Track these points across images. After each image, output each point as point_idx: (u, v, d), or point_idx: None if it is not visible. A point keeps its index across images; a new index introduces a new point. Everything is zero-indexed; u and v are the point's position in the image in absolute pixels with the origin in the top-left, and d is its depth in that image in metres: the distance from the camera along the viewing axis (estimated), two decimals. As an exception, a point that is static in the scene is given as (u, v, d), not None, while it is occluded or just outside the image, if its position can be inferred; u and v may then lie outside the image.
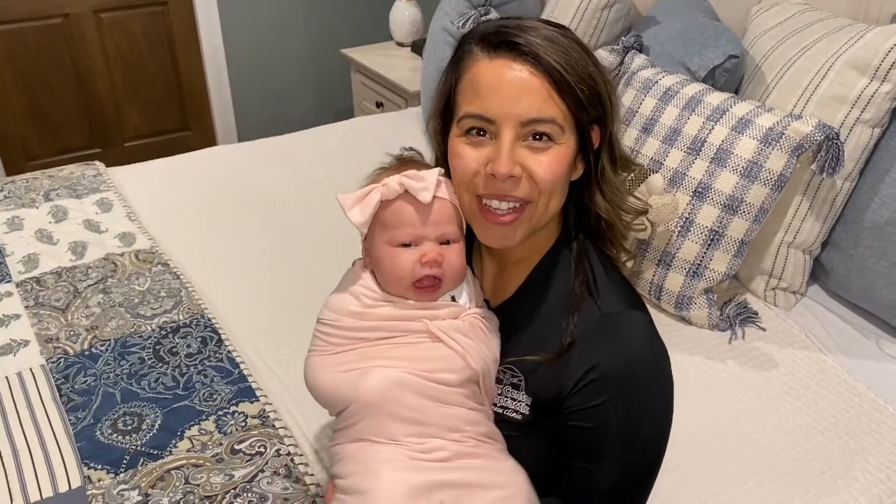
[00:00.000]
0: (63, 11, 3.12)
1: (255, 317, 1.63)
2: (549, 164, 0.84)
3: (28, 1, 3.03)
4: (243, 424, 1.32)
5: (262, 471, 1.22)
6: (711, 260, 1.53)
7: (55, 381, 1.42)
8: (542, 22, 0.87)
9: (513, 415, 0.90)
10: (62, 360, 1.47)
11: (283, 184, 2.18)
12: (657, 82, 1.68)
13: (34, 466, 1.25)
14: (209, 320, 1.58)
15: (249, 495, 1.18)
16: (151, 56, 3.37)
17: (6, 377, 1.43)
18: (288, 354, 1.48)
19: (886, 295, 1.52)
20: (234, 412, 1.35)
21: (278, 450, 1.26)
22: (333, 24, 3.60)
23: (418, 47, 3.03)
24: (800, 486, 1.23)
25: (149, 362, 1.47)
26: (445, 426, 0.84)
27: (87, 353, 1.49)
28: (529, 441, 0.90)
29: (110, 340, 1.53)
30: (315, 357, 0.93)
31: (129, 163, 2.33)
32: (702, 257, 1.54)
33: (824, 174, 1.46)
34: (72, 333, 1.55)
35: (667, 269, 1.57)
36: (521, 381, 0.89)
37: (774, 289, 1.66)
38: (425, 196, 0.87)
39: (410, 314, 0.88)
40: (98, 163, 2.27)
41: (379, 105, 3.09)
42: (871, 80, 1.48)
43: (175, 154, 2.39)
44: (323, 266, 1.77)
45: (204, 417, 1.34)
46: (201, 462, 1.25)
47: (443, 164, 0.93)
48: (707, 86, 1.66)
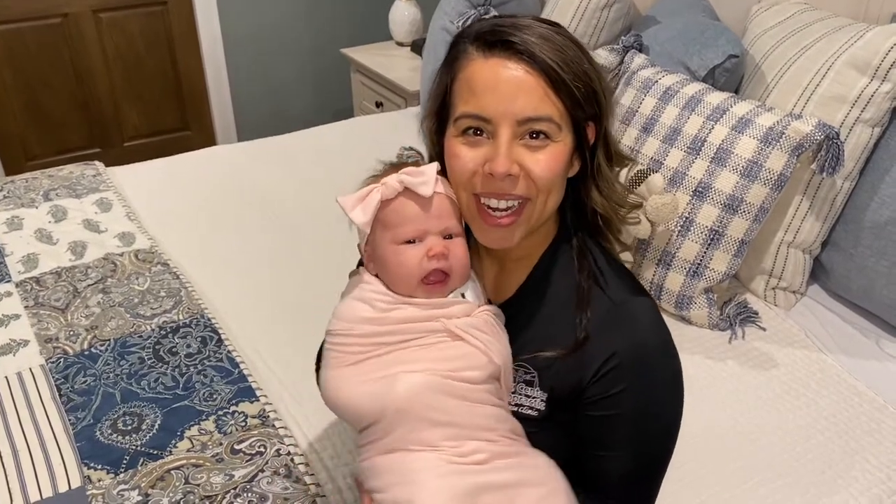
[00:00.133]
0: (62, 11, 3.12)
1: (255, 316, 1.63)
2: (547, 162, 0.84)
3: (27, 1, 3.03)
4: (243, 424, 1.32)
5: (262, 471, 1.22)
6: (711, 259, 1.53)
7: (55, 381, 1.42)
8: (536, 20, 0.87)
9: (528, 411, 0.90)
10: (62, 360, 1.47)
11: (283, 183, 2.18)
12: (657, 82, 1.67)
13: (34, 466, 1.25)
14: (209, 320, 1.58)
15: (249, 495, 1.18)
16: (151, 56, 3.37)
17: (6, 377, 1.43)
18: (288, 354, 1.48)
19: (886, 294, 1.52)
20: (234, 412, 1.35)
21: (278, 450, 1.26)
22: (333, 24, 3.60)
23: (418, 47, 3.03)
24: (800, 486, 1.23)
25: (148, 362, 1.47)
26: (479, 426, 0.84)
27: (87, 353, 1.49)
28: (546, 436, 0.90)
29: (110, 340, 1.53)
30: (332, 371, 0.89)
31: (129, 163, 2.33)
32: (702, 257, 1.54)
33: (824, 174, 1.46)
34: (71, 333, 1.54)
35: (667, 269, 1.57)
36: (535, 378, 0.90)
37: (774, 288, 1.66)
38: (426, 189, 0.86)
39: (427, 314, 0.87)
40: (97, 163, 2.27)
41: (378, 105, 3.09)
42: (871, 80, 1.48)
43: (174, 154, 2.39)
44: (323, 266, 1.78)
45: (204, 417, 1.34)
46: (201, 462, 1.24)
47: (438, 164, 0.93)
48: (707, 85, 1.66)
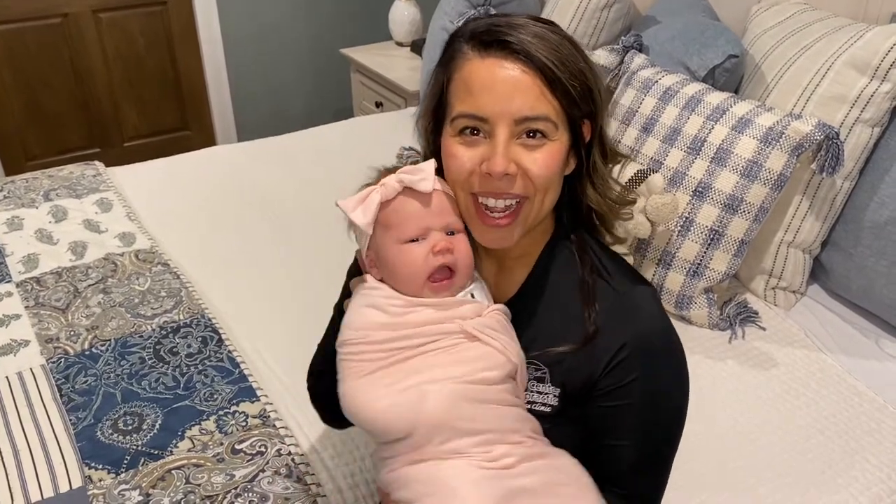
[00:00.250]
0: (62, 11, 3.11)
1: (256, 316, 1.63)
2: (544, 161, 0.85)
3: (27, 1, 3.03)
4: (244, 424, 1.32)
5: (263, 470, 1.22)
6: (711, 259, 1.53)
7: (55, 381, 1.42)
8: (531, 19, 0.87)
9: (541, 408, 0.90)
10: (62, 360, 1.47)
11: (283, 183, 2.18)
12: (657, 82, 1.68)
13: (35, 466, 1.25)
14: (209, 320, 1.58)
15: (250, 495, 1.18)
16: (150, 56, 3.37)
17: (6, 377, 1.43)
18: (288, 354, 1.48)
19: (886, 294, 1.52)
20: (235, 412, 1.35)
21: (279, 449, 1.26)
22: (333, 24, 3.60)
23: (418, 47, 3.03)
24: (800, 486, 1.23)
25: (149, 362, 1.47)
26: (505, 429, 0.84)
27: (88, 353, 1.49)
28: (560, 432, 0.90)
29: (110, 340, 1.53)
30: (352, 382, 0.86)
31: (129, 163, 2.33)
32: (702, 257, 1.54)
33: (824, 174, 1.47)
34: (72, 333, 1.55)
35: (667, 269, 1.57)
36: (546, 374, 0.90)
37: (774, 288, 1.66)
38: (426, 185, 0.86)
39: (442, 316, 0.87)
40: (98, 163, 2.27)
41: (378, 105, 3.09)
42: (871, 80, 1.48)
43: (174, 154, 2.39)
44: (323, 265, 1.78)
45: (205, 417, 1.34)
46: (202, 462, 1.25)
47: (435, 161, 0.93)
48: (707, 85, 1.66)
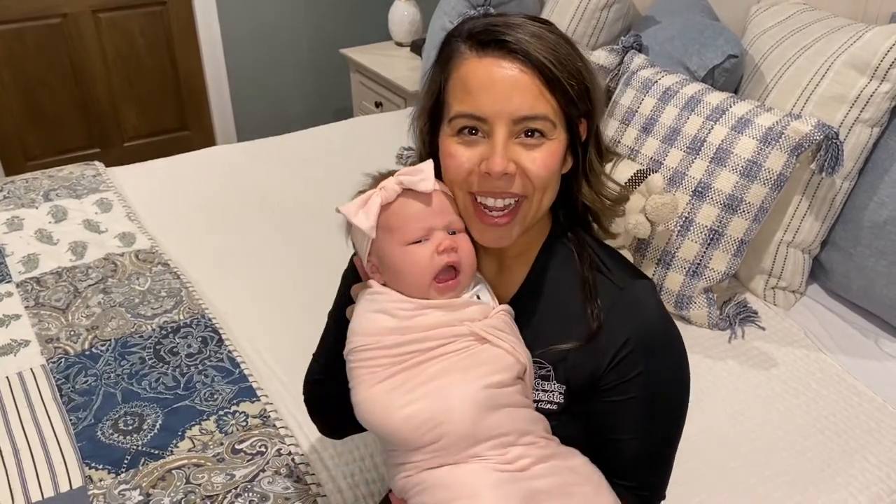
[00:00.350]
0: (61, 11, 3.11)
1: (256, 316, 1.63)
2: (543, 160, 0.85)
3: (27, 1, 3.03)
4: (244, 424, 1.32)
5: (263, 470, 1.23)
6: (711, 259, 1.54)
7: (56, 381, 1.42)
8: (527, 18, 0.87)
9: (548, 406, 0.91)
10: (63, 360, 1.47)
11: (283, 183, 2.18)
12: (657, 82, 1.68)
13: (35, 466, 1.25)
14: (209, 320, 1.58)
15: (250, 495, 1.18)
16: (150, 56, 3.36)
17: (7, 377, 1.44)
18: (288, 354, 1.48)
19: (886, 294, 1.53)
20: (235, 412, 1.35)
21: (279, 449, 1.26)
22: (332, 24, 3.60)
23: (417, 47, 3.03)
24: (799, 485, 1.23)
25: (149, 362, 1.47)
26: (518, 431, 0.84)
27: (88, 353, 1.49)
28: (566, 429, 0.91)
29: (111, 340, 1.53)
30: (367, 391, 0.85)
31: (129, 163, 2.33)
32: (701, 256, 1.54)
33: (823, 173, 1.47)
34: (72, 333, 1.55)
35: (666, 269, 1.57)
36: (550, 372, 0.90)
37: (774, 288, 1.66)
38: (426, 185, 0.86)
39: (451, 318, 0.87)
40: (97, 163, 2.27)
41: (378, 105, 3.09)
42: (871, 80, 1.49)
43: (174, 154, 2.39)
44: (323, 265, 1.77)
45: (205, 417, 1.34)
46: (202, 462, 1.25)
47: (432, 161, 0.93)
48: (706, 85, 1.66)
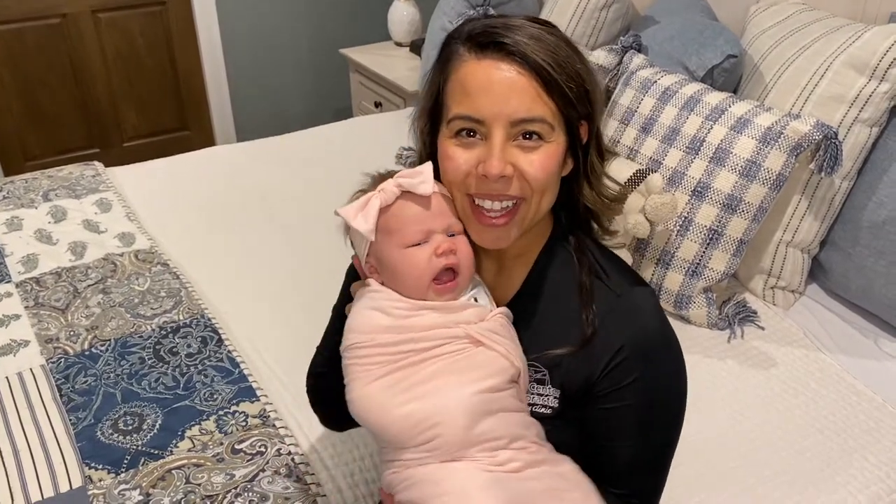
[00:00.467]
0: (61, 11, 3.11)
1: (255, 316, 1.63)
2: (541, 163, 0.85)
3: (26, 1, 3.03)
4: (244, 424, 1.32)
5: (263, 470, 1.23)
6: (710, 259, 1.54)
7: (55, 381, 1.42)
8: (528, 20, 0.87)
9: (542, 410, 0.91)
10: (62, 361, 1.47)
11: (283, 183, 2.18)
12: (656, 82, 1.68)
13: (35, 466, 1.25)
14: (209, 320, 1.58)
15: (250, 495, 1.18)
16: (150, 56, 3.37)
17: (6, 377, 1.44)
18: (288, 354, 1.49)
19: (885, 294, 1.53)
20: (235, 412, 1.35)
21: (279, 449, 1.27)
22: (332, 24, 3.60)
23: (417, 47, 3.03)
24: (798, 484, 1.23)
25: (149, 362, 1.47)
26: (510, 435, 0.84)
27: (88, 354, 1.49)
28: (560, 434, 0.91)
29: (110, 340, 1.53)
30: (362, 389, 0.86)
31: (128, 163, 2.33)
32: (701, 256, 1.54)
33: (823, 173, 1.47)
34: (72, 333, 1.55)
35: (666, 268, 1.58)
36: (546, 376, 0.90)
37: (773, 288, 1.66)
38: (426, 188, 0.87)
39: (447, 320, 0.87)
40: (97, 163, 2.27)
41: (377, 105, 3.09)
42: (870, 80, 1.49)
43: (173, 154, 2.39)
44: (323, 265, 1.77)
45: (204, 417, 1.34)
46: (202, 462, 1.25)
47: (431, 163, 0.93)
48: (706, 85, 1.66)
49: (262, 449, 1.27)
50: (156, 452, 1.27)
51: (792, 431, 1.33)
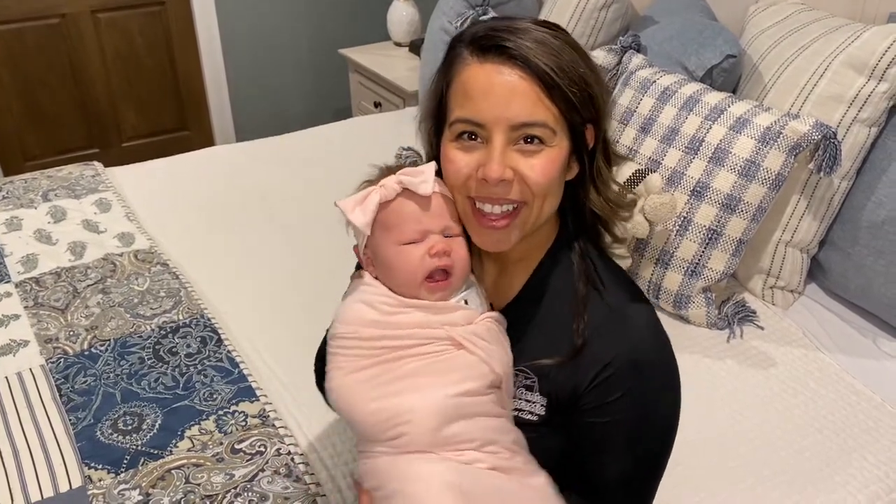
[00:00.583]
0: (61, 11, 3.11)
1: (255, 316, 1.63)
2: (542, 167, 0.84)
3: (26, 1, 3.03)
4: (243, 424, 1.32)
5: (263, 470, 1.23)
6: (710, 259, 1.54)
7: (55, 381, 1.42)
8: (535, 23, 0.86)
9: (528, 416, 0.90)
10: (62, 361, 1.47)
11: (282, 184, 2.18)
12: (655, 82, 1.68)
13: (35, 466, 1.25)
14: (209, 320, 1.59)
15: (250, 494, 1.18)
16: (149, 56, 3.37)
17: (6, 377, 1.44)
18: (288, 354, 1.49)
19: (884, 293, 1.53)
20: (235, 412, 1.35)
21: (278, 449, 1.27)
22: (331, 24, 3.60)
23: (416, 47, 3.03)
24: (797, 484, 1.23)
25: (149, 362, 1.47)
26: (482, 439, 0.84)
27: (87, 354, 1.49)
28: (546, 441, 0.90)
29: (110, 340, 1.53)
30: (340, 379, 0.88)
31: (128, 163, 2.33)
32: (700, 256, 1.54)
33: (822, 173, 1.47)
34: (71, 333, 1.55)
35: (665, 268, 1.58)
36: (535, 383, 0.90)
37: (772, 287, 1.66)
38: (425, 188, 0.87)
39: (430, 320, 0.87)
40: (96, 163, 2.27)
41: (377, 105, 3.09)
42: (869, 80, 1.49)
43: (173, 154, 2.39)
44: (322, 265, 1.78)
45: (204, 417, 1.34)
46: (202, 462, 1.25)
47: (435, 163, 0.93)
48: (705, 85, 1.66)
49: (262, 449, 1.27)
50: (155, 452, 1.27)
51: (791, 431, 1.33)
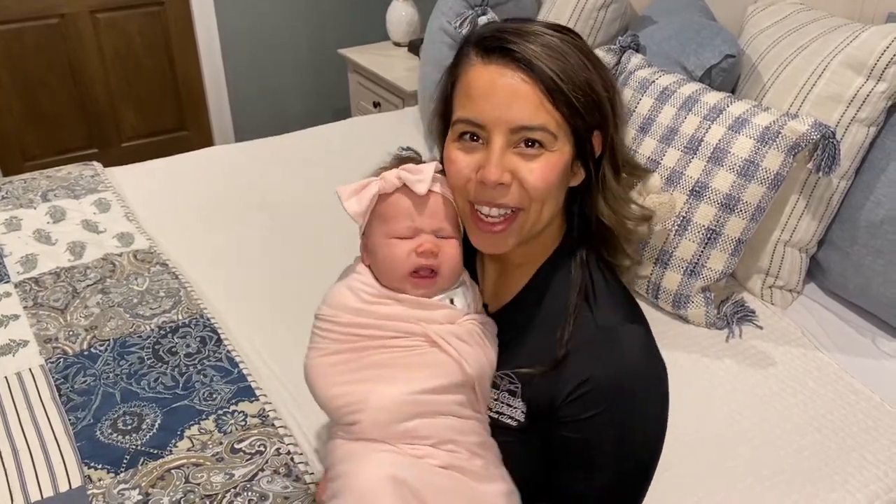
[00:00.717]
0: (60, 11, 3.11)
1: (254, 316, 1.63)
2: (541, 172, 0.83)
3: (25, 1, 3.03)
4: (243, 423, 1.32)
5: (262, 470, 1.23)
6: (709, 258, 1.54)
7: (55, 381, 1.42)
8: (547, 26, 0.85)
9: (508, 421, 0.90)
10: (61, 361, 1.47)
11: (281, 183, 2.18)
12: (654, 82, 1.68)
13: (34, 466, 1.25)
14: (208, 320, 1.59)
15: (250, 494, 1.18)
16: (148, 56, 3.37)
17: (6, 377, 1.44)
18: (287, 353, 1.49)
19: (882, 293, 1.53)
20: (234, 411, 1.35)
21: (278, 449, 1.27)
22: (330, 24, 3.60)
23: (415, 47, 3.03)
24: (796, 483, 1.23)
25: (148, 362, 1.47)
26: (439, 438, 0.84)
27: (87, 353, 1.49)
28: (524, 447, 0.90)
29: (109, 340, 1.53)
30: (316, 358, 0.91)
31: (127, 163, 2.33)
32: (699, 256, 1.54)
33: (821, 173, 1.47)
34: (71, 333, 1.55)
35: (664, 268, 1.58)
36: (518, 389, 0.89)
37: (771, 287, 1.66)
38: (421, 188, 0.87)
39: (410, 314, 0.88)
40: (96, 163, 2.27)
41: (376, 105, 3.09)
42: (867, 80, 1.49)
43: (172, 154, 2.39)
44: (322, 265, 1.77)
45: (204, 417, 1.34)
46: (201, 461, 1.25)
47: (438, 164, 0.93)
48: (704, 85, 1.66)
49: (262, 448, 1.27)
50: (155, 452, 1.27)
51: (790, 430, 1.33)
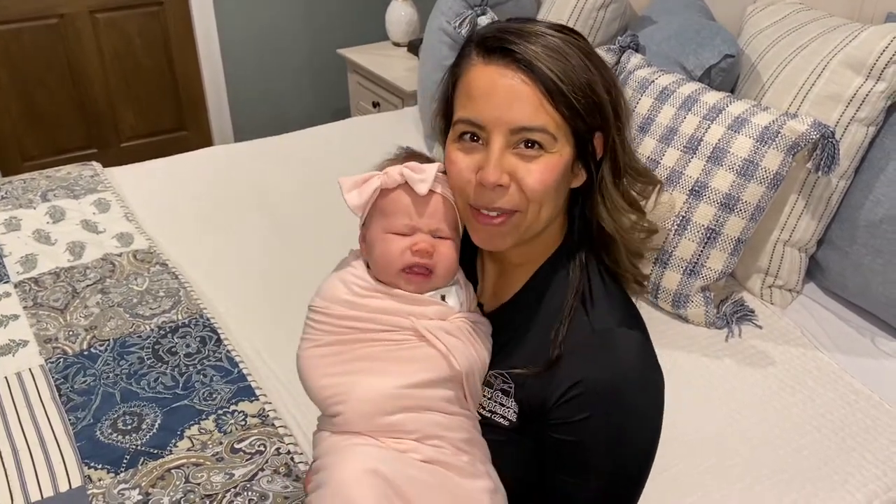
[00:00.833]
0: (59, 12, 3.11)
1: (254, 316, 1.63)
2: (540, 173, 0.83)
3: (24, 1, 3.03)
4: (243, 423, 1.32)
5: (262, 469, 1.23)
6: (708, 258, 1.54)
7: (54, 381, 1.42)
8: (549, 26, 0.85)
9: (500, 420, 0.90)
10: (61, 361, 1.47)
11: (281, 183, 2.18)
12: (654, 82, 1.68)
13: (34, 466, 1.25)
14: (208, 320, 1.59)
15: (250, 494, 1.18)
16: (147, 56, 3.36)
17: (5, 377, 1.44)
18: (287, 353, 1.47)
19: (882, 292, 1.53)
20: (234, 411, 1.35)
21: (278, 448, 1.27)
22: (330, 24, 3.60)
23: (415, 47, 3.03)
24: (796, 483, 1.24)
25: (148, 362, 1.47)
26: (423, 433, 0.84)
27: (87, 353, 1.49)
28: (516, 447, 0.90)
29: (109, 340, 1.53)
30: (307, 350, 0.92)
31: (126, 163, 2.33)
32: (698, 255, 1.54)
33: (820, 172, 1.47)
34: (71, 333, 1.55)
35: (664, 268, 1.58)
36: (511, 388, 0.89)
37: (771, 287, 1.66)
38: (422, 188, 0.87)
39: (399, 309, 0.88)
40: (95, 163, 2.27)
41: (375, 105, 3.09)
42: (866, 79, 1.49)
43: (171, 154, 2.39)
44: (321, 265, 1.77)
45: (204, 417, 1.34)
46: (201, 461, 1.25)
47: (441, 164, 0.93)
48: (703, 85, 1.67)
49: (262, 448, 1.27)
50: (155, 452, 1.27)
51: (789, 430, 1.34)
